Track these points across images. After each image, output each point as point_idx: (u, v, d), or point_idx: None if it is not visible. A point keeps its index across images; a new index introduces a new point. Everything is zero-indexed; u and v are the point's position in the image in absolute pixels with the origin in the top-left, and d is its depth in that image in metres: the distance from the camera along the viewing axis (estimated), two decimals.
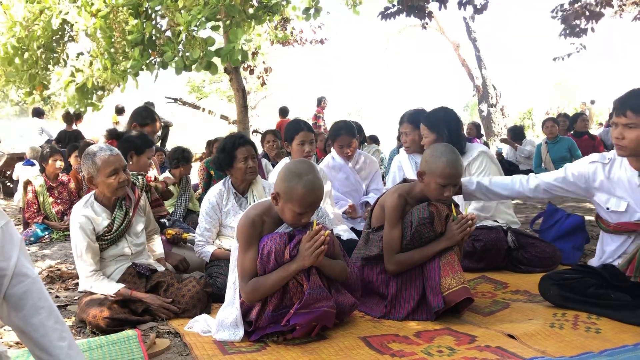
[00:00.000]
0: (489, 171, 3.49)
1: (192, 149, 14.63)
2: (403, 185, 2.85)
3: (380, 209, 2.82)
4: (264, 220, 2.43)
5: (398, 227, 2.69)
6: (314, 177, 2.31)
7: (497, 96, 17.81)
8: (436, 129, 3.51)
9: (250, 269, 2.39)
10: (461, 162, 2.68)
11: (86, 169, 2.93)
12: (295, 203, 2.29)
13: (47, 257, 4.76)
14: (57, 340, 1.57)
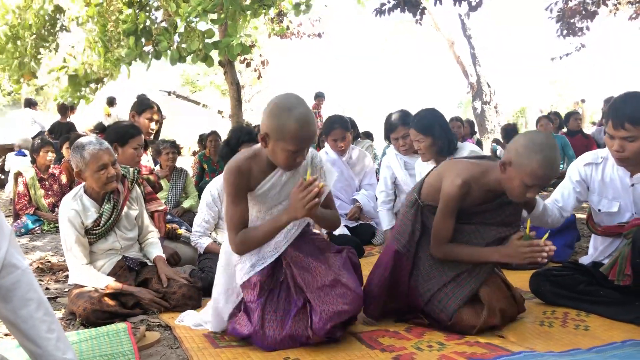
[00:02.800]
0: None
1: (185, 143, 14.59)
2: (471, 168, 2.38)
3: (432, 188, 2.48)
4: (251, 166, 2.24)
5: (454, 217, 2.39)
6: (305, 109, 2.10)
7: (491, 94, 17.82)
8: (430, 132, 3.48)
9: (239, 221, 2.25)
10: (559, 160, 2.24)
11: (75, 163, 2.90)
12: (289, 140, 2.07)
13: (38, 249, 4.73)
14: (45, 332, 1.57)
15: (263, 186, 2.28)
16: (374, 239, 4.44)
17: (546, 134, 2.36)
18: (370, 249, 4.22)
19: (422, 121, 3.54)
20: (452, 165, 2.45)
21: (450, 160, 2.56)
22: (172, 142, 5.82)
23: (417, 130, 3.53)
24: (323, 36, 12.23)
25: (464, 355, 2.10)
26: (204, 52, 5.09)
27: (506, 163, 2.23)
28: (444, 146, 3.50)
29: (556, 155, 2.19)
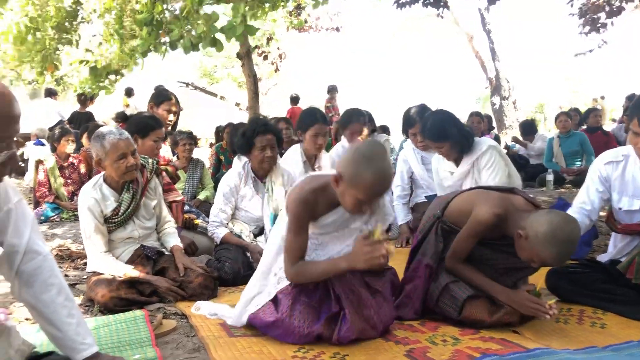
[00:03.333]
0: (498, 166, 3.45)
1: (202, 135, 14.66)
2: (507, 198, 2.38)
3: (460, 212, 2.47)
4: (317, 199, 2.19)
5: (476, 241, 2.38)
6: (386, 164, 2.03)
7: (509, 89, 17.66)
8: (445, 137, 3.40)
9: (297, 251, 2.20)
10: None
11: (95, 152, 2.94)
12: (361, 190, 2.02)
13: (57, 237, 4.81)
14: (66, 317, 1.60)
15: (325, 219, 2.26)
16: (389, 232, 4.43)
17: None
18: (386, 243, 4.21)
19: (433, 129, 3.43)
20: (488, 195, 2.43)
21: (484, 191, 2.51)
22: (189, 133, 5.86)
23: (432, 140, 3.46)
24: (341, 30, 12.18)
25: (478, 350, 2.10)
26: (209, 35, 5.06)
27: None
28: (464, 144, 3.46)
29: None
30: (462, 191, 2.62)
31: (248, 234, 3.51)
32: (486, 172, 3.44)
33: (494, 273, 2.42)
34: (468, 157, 3.47)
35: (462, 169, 3.50)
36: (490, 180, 3.40)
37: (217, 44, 5.22)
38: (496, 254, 2.41)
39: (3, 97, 1.32)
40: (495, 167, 3.44)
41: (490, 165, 3.45)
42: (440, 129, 3.41)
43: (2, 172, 1.39)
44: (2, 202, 1.55)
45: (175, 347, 2.28)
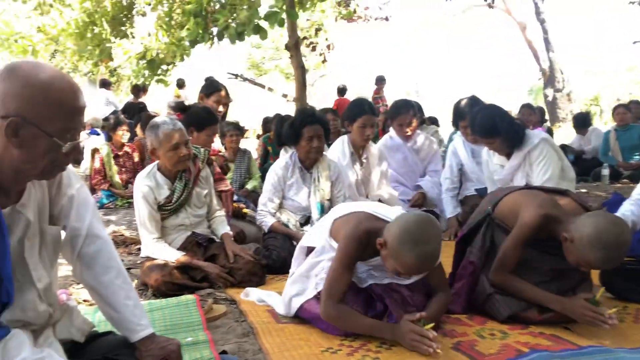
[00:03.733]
0: (550, 160, 3.34)
1: (249, 126, 14.84)
2: (554, 206, 2.31)
3: (510, 211, 2.42)
4: (370, 242, 2.15)
5: (524, 248, 2.31)
6: (432, 247, 1.98)
7: (564, 81, 17.12)
8: (494, 133, 3.33)
9: (339, 289, 2.16)
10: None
11: (149, 141, 3.03)
12: (401, 266, 2.01)
13: (112, 223, 4.98)
14: (124, 299, 1.66)
15: (369, 262, 2.27)
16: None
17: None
18: None
19: (483, 125, 3.37)
20: (534, 197, 2.36)
21: (532, 192, 2.45)
22: (236, 124, 5.93)
23: (482, 136, 3.40)
24: (390, 19, 12.06)
25: (527, 345, 2.07)
26: (252, 21, 5.11)
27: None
28: (515, 139, 3.37)
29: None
30: (514, 190, 2.56)
31: (295, 223, 3.56)
32: (537, 166, 3.35)
33: (541, 278, 2.34)
34: (519, 150, 3.39)
35: (512, 162, 3.42)
36: (542, 175, 3.31)
37: (260, 31, 5.27)
38: (543, 255, 2.35)
39: (70, 90, 1.37)
40: (547, 161, 3.34)
41: (542, 159, 3.35)
42: (490, 124, 3.34)
43: (66, 161, 1.45)
44: (65, 188, 1.62)
45: (225, 332, 2.34)
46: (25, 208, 1.46)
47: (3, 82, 1.32)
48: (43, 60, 5.85)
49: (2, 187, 1.39)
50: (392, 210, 2.33)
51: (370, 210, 2.29)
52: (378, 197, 4.19)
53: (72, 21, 6.05)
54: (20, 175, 1.40)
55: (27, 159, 1.36)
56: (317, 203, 3.55)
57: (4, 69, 1.35)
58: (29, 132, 1.32)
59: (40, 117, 1.32)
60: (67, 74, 1.52)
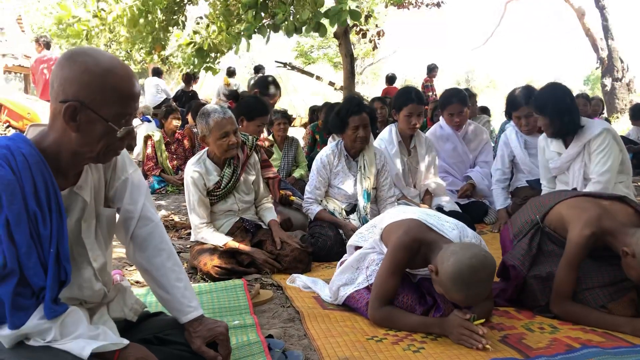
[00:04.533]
0: (611, 151, 3.20)
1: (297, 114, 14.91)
2: (603, 219, 2.21)
3: (560, 221, 2.36)
4: (420, 251, 2.17)
5: (578, 270, 2.23)
6: (481, 291, 1.94)
7: (623, 70, 16.40)
8: (546, 112, 3.23)
9: (387, 293, 2.18)
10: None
11: (200, 128, 3.09)
12: (448, 297, 2.02)
13: (162, 208, 5.11)
14: (174, 281, 1.70)
15: (417, 271, 2.28)
16: (485, 217, 4.32)
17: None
18: (482, 228, 4.12)
19: (537, 100, 3.30)
20: (582, 212, 2.26)
21: (582, 205, 2.33)
22: (284, 112, 5.97)
23: (533, 109, 3.37)
24: (442, 6, 11.81)
25: (578, 341, 2.01)
26: (314, 20, 5.11)
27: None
28: (564, 125, 3.24)
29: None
30: (564, 198, 2.45)
31: (340, 211, 3.56)
32: (597, 156, 3.21)
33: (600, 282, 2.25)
34: (579, 138, 3.26)
35: (571, 150, 3.30)
36: (601, 166, 3.18)
37: (320, 28, 5.27)
38: (600, 266, 2.25)
39: (126, 76, 1.41)
40: (608, 152, 3.20)
41: (602, 149, 3.20)
42: (543, 101, 3.25)
43: (120, 146, 1.49)
44: (120, 171, 1.67)
45: (271, 316, 2.38)
46: (82, 190, 1.51)
47: (62, 69, 1.37)
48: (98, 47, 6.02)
49: (60, 169, 1.45)
50: (445, 221, 2.29)
51: (423, 219, 2.26)
52: (426, 187, 4.15)
53: (127, 8, 6.19)
54: (77, 158, 1.45)
55: (84, 142, 1.41)
56: (363, 191, 3.55)
57: (63, 56, 1.40)
58: (86, 117, 1.37)
59: (97, 102, 1.37)
60: (122, 61, 1.56)
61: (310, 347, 2.02)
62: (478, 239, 2.28)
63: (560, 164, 3.37)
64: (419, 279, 2.30)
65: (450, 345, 2.00)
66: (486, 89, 29.34)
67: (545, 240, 2.41)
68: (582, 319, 2.21)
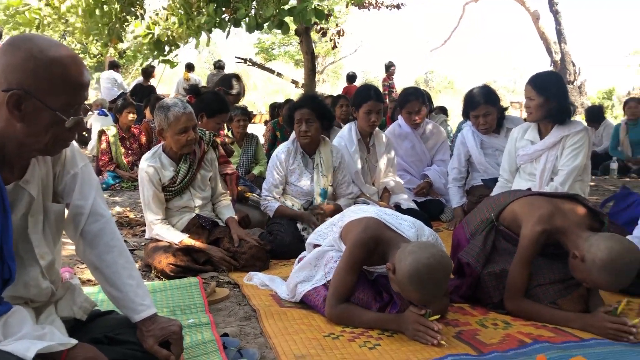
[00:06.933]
0: (583, 151, 3.27)
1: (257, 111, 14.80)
2: (555, 217, 2.27)
3: (514, 220, 2.40)
4: (377, 249, 2.20)
5: (530, 266, 2.28)
6: (437, 291, 1.97)
7: (575, 73, 16.96)
8: (545, 92, 3.24)
9: (344, 291, 2.19)
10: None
11: (158, 121, 3.02)
12: (405, 296, 2.05)
13: (117, 204, 4.99)
14: (126, 278, 1.66)
15: (375, 268, 2.28)
16: (442, 215, 4.38)
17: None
18: (438, 225, 4.18)
19: (539, 79, 3.31)
20: (536, 210, 2.31)
21: (536, 203, 2.38)
22: (244, 109, 5.91)
23: (532, 87, 3.31)
24: (402, 8, 11.94)
25: (530, 336, 2.05)
26: (278, 18, 5.09)
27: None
28: (555, 111, 3.27)
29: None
30: (518, 197, 2.50)
31: (299, 208, 3.55)
32: (568, 152, 3.27)
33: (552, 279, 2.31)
34: (560, 130, 3.31)
35: (548, 140, 3.33)
36: (572, 160, 3.24)
37: (283, 26, 5.24)
38: (552, 263, 2.31)
39: (74, 65, 1.36)
40: (580, 149, 3.26)
41: (577, 147, 3.26)
42: (546, 82, 3.27)
43: (69, 137, 1.44)
44: (69, 166, 1.62)
45: (227, 315, 2.35)
46: (28, 184, 1.45)
47: (5, 56, 1.30)
48: None
49: (6, 162, 1.38)
50: (403, 220, 2.31)
51: (381, 217, 2.28)
52: (384, 185, 4.18)
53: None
54: (23, 150, 1.39)
55: (30, 132, 1.35)
56: (320, 189, 3.55)
57: (6, 42, 1.34)
58: (32, 106, 1.31)
59: (43, 90, 1.31)
60: (70, 48, 1.51)
61: (266, 345, 2.00)
62: (434, 237, 2.31)
63: (533, 151, 3.40)
64: (376, 276, 2.31)
65: (406, 342, 2.01)
66: (444, 89, 29.86)
67: (500, 238, 2.46)
68: (534, 315, 2.26)
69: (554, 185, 3.31)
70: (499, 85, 26.92)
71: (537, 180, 3.38)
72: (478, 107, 4.03)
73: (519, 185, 3.42)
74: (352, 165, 3.97)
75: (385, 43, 28.11)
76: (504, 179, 3.60)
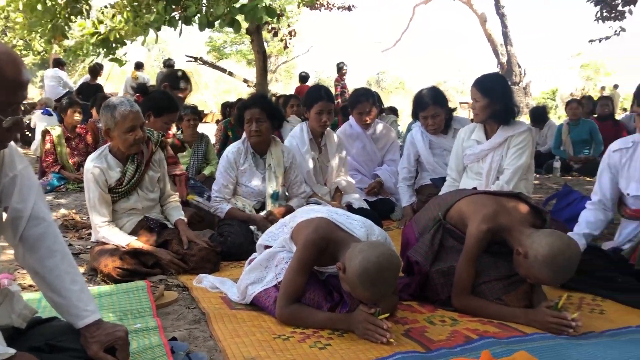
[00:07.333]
0: (527, 151, 3.37)
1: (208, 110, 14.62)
2: (499, 216, 2.33)
3: (460, 218, 2.46)
4: (328, 250, 2.21)
5: (475, 264, 2.34)
6: (386, 289, 2.00)
7: (521, 74, 17.52)
8: (490, 94, 3.33)
9: (294, 291, 2.20)
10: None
11: (104, 121, 2.94)
12: (354, 295, 2.07)
13: (62, 206, 4.83)
14: (69, 284, 1.61)
15: (325, 268, 2.29)
16: (392, 214, 4.44)
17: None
18: (389, 224, 4.23)
19: (484, 82, 3.40)
20: (482, 208, 2.38)
21: (481, 201, 2.44)
22: (194, 108, 5.82)
23: (477, 89, 3.39)
24: (353, 9, 12.04)
25: (477, 332, 2.11)
26: (229, 16, 5.04)
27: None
28: (500, 112, 3.36)
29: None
30: (464, 195, 2.57)
31: (250, 209, 3.53)
32: (513, 151, 3.36)
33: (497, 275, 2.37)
34: (505, 130, 3.40)
35: (494, 140, 3.42)
36: (516, 159, 3.34)
37: (235, 24, 5.19)
38: (497, 261, 2.38)
39: (11, 63, 1.31)
40: (525, 149, 3.36)
41: (521, 146, 3.36)
42: (491, 84, 3.36)
43: (7, 137, 1.39)
44: (8, 168, 1.55)
45: (176, 318, 2.31)
46: None
47: None
48: None
49: None
50: (354, 220, 2.33)
51: (331, 217, 2.29)
52: (336, 185, 4.20)
53: None
54: None
55: None
56: (271, 189, 3.54)
57: None
58: None
59: None
60: (8, 45, 1.45)
61: (215, 349, 1.98)
62: (384, 236, 2.34)
63: (479, 151, 3.48)
64: (327, 276, 2.33)
65: (356, 341, 2.03)
66: (396, 89, 30.28)
67: (447, 237, 2.51)
68: (481, 311, 2.32)
69: (499, 183, 3.41)
70: (448, 86, 27.51)
71: (484, 179, 3.48)
72: (427, 108, 4.11)
73: (466, 184, 3.50)
74: (304, 165, 3.97)
75: (338, 44, 28.37)
76: (451, 179, 3.69)
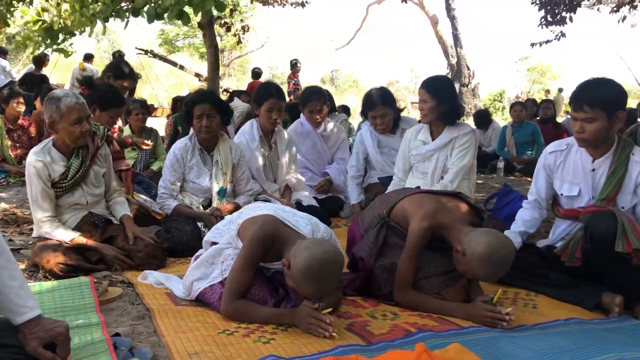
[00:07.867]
0: (470, 152, 3.52)
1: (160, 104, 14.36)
2: (440, 214, 2.42)
3: (403, 217, 2.54)
4: (274, 246, 2.25)
5: (417, 259, 2.43)
6: (330, 286, 2.06)
7: (469, 76, 17.97)
8: (438, 95, 3.46)
9: (240, 287, 2.22)
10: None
11: (49, 114, 2.86)
12: (298, 290, 2.11)
13: (3, 200, 4.68)
14: (7, 279, 1.58)
15: (271, 264, 2.33)
16: (341, 211, 4.51)
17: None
18: (337, 221, 4.30)
19: (433, 83, 3.52)
20: (422, 207, 2.46)
21: (421, 200, 2.54)
22: (143, 101, 5.73)
23: (425, 90, 3.51)
24: (306, 6, 12.06)
25: (416, 326, 2.19)
26: (177, 8, 4.97)
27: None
28: (447, 113, 3.50)
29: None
30: (407, 194, 2.66)
31: (198, 206, 3.51)
32: (457, 152, 3.51)
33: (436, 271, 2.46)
34: (450, 131, 3.53)
35: (439, 141, 3.55)
36: (460, 159, 3.49)
37: (183, 16, 5.11)
38: (436, 256, 2.47)
39: None
40: (468, 150, 3.51)
41: (465, 147, 3.51)
42: (439, 85, 3.49)
43: None
44: None
45: (119, 314, 2.29)
46: None
47: None
48: None
49: None
50: (300, 217, 2.37)
51: (278, 214, 2.32)
52: (286, 182, 4.23)
53: None
54: None
55: None
56: (218, 186, 3.53)
57: None
58: None
59: None
60: None
61: (159, 344, 1.99)
62: (329, 234, 2.40)
63: (425, 151, 3.60)
64: (273, 272, 2.36)
65: (299, 335, 2.08)
66: (350, 88, 30.49)
67: (391, 234, 2.59)
68: (421, 305, 2.41)
69: (443, 183, 3.53)
70: (400, 86, 27.91)
71: (429, 178, 3.59)
72: (375, 107, 4.19)
73: (411, 183, 3.60)
74: (254, 162, 3.98)
75: (292, 40, 28.39)
76: (398, 178, 3.79)
